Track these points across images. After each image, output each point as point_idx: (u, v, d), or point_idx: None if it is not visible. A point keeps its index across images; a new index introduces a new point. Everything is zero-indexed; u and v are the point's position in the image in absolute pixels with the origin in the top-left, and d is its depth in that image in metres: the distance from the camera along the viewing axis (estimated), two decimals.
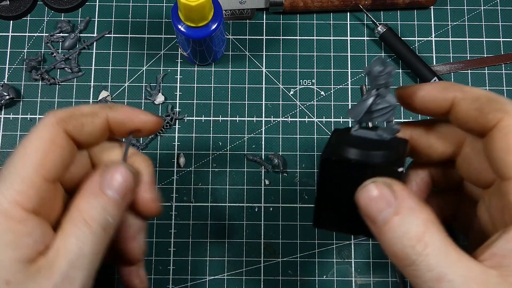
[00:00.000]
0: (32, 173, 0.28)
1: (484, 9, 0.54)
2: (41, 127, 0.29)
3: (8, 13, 0.53)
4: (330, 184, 0.30)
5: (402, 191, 0.28)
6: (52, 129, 0.29)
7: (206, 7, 0.43)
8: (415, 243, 0.26)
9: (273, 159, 0.50)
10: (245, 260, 0.48)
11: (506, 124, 0.28)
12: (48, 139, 0.29)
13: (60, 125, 0.30)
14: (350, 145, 0.29)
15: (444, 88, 0.31)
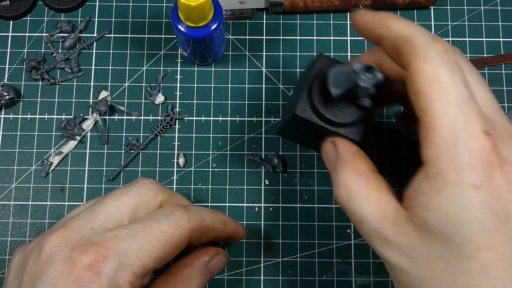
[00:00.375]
0: (150, 265, 0.31)
1: (484, 9, 0.54)
2: (173, 227, 0.32)
3: (8, 13, 0.53)
4: (296, 123, 0.39)
5: (342, 149, 0.35)
6: (183, 236, 0.33)
7: (206, 7, 0.43)
8: (342, 190, 0.32)
9: (273, 159, 0.50)
10: (245, 260, 0.48)
11: (415, 68, 0.29)
12: (177, 243, 0.33)
13: (189, 234, 0.34)
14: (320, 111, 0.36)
15: (374, 22, 0.33)
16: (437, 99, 0.28)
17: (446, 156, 0.27)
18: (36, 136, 0.51)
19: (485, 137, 0.27)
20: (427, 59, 0.29)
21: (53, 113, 0.51)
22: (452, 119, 0.28)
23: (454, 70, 0.29)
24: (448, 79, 0.28)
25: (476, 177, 0.27)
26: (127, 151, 0.50)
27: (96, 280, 0.29)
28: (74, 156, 0.50)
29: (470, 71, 0.31)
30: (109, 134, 0.51)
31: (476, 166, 0.27)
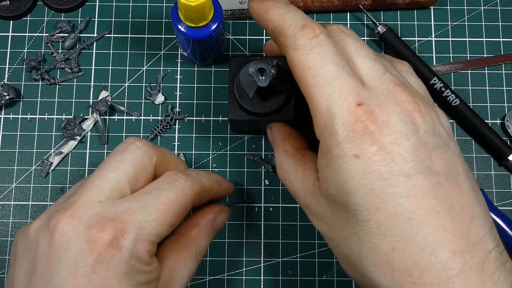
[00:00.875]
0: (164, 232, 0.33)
1: (484, 9, 0.54)
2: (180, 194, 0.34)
3: (8, 13, 0.53)
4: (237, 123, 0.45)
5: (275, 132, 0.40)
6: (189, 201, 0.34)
7: (206, 7, 0.43)
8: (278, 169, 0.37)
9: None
10: (245, 260, 0.48)
11: (289, 58, 0.32)
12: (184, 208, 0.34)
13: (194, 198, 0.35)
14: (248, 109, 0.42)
15: (259, 12, 0.35)
16: (311, 83, 0.30)
17: (328, 134, 0.30)
18: (36, 136, 0.51)
19: (358, 108, 0.29)
20: (296, 48, 0.31)
21: (53, 113, 0.51)
22: (326, 99, 0.30)
23: (323, 52, 0.30)
24: (317, 63, 0.30)
25: (355, 147, 0.29)
26: None
27: (117, 254, 0.30)
28: (74, 156, 0.50)
29: (351, 43, 0.32)
30: (109, 134, 0.51)
31: (353, 138, 0.29)
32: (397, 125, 0.29)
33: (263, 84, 0.39)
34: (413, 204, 0.28)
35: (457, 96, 0.50)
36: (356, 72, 0.31)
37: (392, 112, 0.29)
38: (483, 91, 0.52)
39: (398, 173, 0.28)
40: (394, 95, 0.30)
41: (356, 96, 0.29)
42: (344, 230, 0.30)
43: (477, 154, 0.51)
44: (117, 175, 0.33)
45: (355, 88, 0.30)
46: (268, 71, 0.38)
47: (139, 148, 0.34)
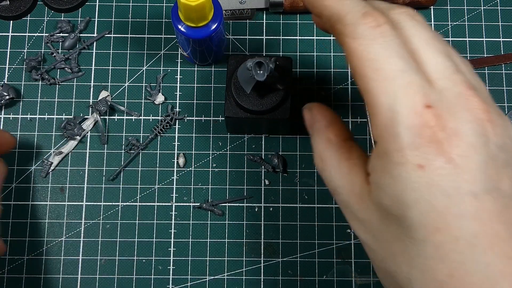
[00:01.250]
0: None
1: (484, 9, 0.54)
2: None
3: (8, 13, 0.53)
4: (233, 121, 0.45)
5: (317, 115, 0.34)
6: None
7: (206, 7, 0.43)
8: (317, 159, 0.33)
9: (273, 159, 0.50)
10: (245, 260, 0.48)
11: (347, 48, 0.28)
12: None
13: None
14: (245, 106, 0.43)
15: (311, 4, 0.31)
16: (371, 77, 0.27)
17: (389, 136, 0.26)
18: (36, 136, 0.51)
19: (426, 111, 0.25)
20: (356, 37, 0.27)
21: (53, 113, 0.51)
22: (389, 97, 0.26)
23: (387, 43, 0.27)
24: (380, 55, 0.27)
25: (420, 156, 0.25)
26: (127, 151, 0.50)
27: None
28: (74, 156, 0.50)
29: (419, 35, 0.29)
30: (109, 134, 0.51)
31: (419, 144, 0.25)
32: (468, 135, 0.25)
33: (261, 78, 0.39)
34: (478, 228, 0.25)
35: None
36: (422, 68, 0.27)
37: (463, 120, 0.26)
38: None
39: (465, 191, 0.25)
40: (466, 99, 0.26)
41: (424, 96, 0.26)
42: (393, 245, 0.27)
43: None
44: None
45: (423, 87, 0.26)
46: (266, 65, 0.39)
47: None
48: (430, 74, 0.27)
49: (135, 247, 0.49)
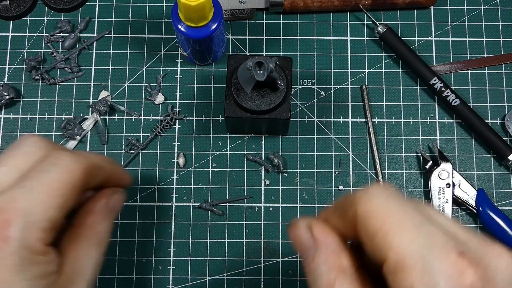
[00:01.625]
0: (56, 216, 0.31)
1: (484, 9, 0.54)
2: (64, 172, 0.32)
3: (8, 13, 0.53)
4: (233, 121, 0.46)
5: (321, 238, 0.29)
6: (76, 177, 0.32)
7: (206, 7, 0.43)
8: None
9: (273, 159, 0.50)
10: (245, 260, 0.48)
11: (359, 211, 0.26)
12: (72, 186, 0.32)
13: (82, 175, 0.33)
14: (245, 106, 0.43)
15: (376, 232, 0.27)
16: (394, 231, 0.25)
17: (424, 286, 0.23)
18: None
19: (461, 259, 0.23)
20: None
21: (53, 113, 0.51)
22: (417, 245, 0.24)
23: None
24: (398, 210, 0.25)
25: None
26: (127, 151, 0.50)
27: (5, 246, 0.28)
28: None
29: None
30: (109, 134, 0.51)
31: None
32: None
33: (261, 78, 0.39)
34: None
35: (457, 96, 0.50)
36: None
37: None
38: (483, 91, 0.52)
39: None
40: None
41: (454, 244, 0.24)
42: None
43: (477, 154, 0.51)
44: (6, 169, 0.32)
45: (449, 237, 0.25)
46: (266, 65, 0.39)
47: (32, 142, 0.33)
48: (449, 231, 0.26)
49: (135, 247, 0.48)
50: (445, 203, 0.48)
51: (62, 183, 0.31)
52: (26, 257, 0.29)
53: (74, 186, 0.32)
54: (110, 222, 0.36)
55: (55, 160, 0.32)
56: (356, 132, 0.51)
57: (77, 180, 0.32)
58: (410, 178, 0.50)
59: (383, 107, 0.52)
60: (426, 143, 0.51)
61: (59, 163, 0.32)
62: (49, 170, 0.31)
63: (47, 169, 0.31)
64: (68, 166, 0.32)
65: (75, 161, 0.32)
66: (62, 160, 0.32)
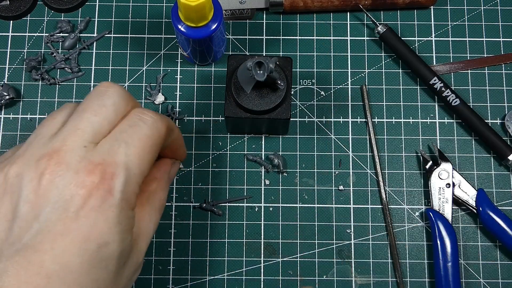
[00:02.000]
0: (146, 170, 0.33)
1: (484, 9, 0.54)
2: (153, 129, 0.33)
3: (8, 13, 0.53)
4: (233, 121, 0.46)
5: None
6: (162, 137, 0.34)
7: (206, 7, 0.43)
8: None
9: (273, 159, 0.50)
10: (245, 260, 0.48)
11: None
12: (158, 144, 0.34)
13: (165, 134, 0.34)
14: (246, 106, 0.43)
15: None
16: None
17: None
18: None
19: None
20: None
21: None
22: None
23: None
24: None
25: None
26: None
27: (109, 198, 0.30)
28: None
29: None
30: None
31: None
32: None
33: (261, 78, 0.39)
34: None
35: (457, 96, 0.50)
36: None
37: None
38: (483, 91, 0.52)
39: None
40: None
41: None
42: None
43: (477, 154, 0.51)
44: (99, 119, 0.32)
45: None
46: (266, 65, 0.39)
47: (117, 93, 0.33)
48: None
49: None
50: (445, 203, 0.48)
51: (152, 140, 0.33)
52: (124, 210, 0.30)
53: (160, 143, 0.34)
54: (168, 190, 0.38)
55: (144, 116, 0.33)
56: (356, 132, 0.51)
57: (162, 139, 0.34)
58: (410, 178, 0.50)
59: (383, 107, 0.52)
60: (426, 143, 0.51)
61: (148, 119, 0.33)
62: (140, 125, 0.33)
63: (139, 125, 0.33)
64: (156, 123, 0.33)
65: (160, 119, 0.34)
66: (149, 117, 0.33)
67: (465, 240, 0.49)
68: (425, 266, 0.48)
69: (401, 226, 0.49)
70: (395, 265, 0.48)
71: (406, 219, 0.49)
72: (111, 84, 0.34)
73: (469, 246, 0.49)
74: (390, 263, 0.48)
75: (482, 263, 0.48)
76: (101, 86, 0.34)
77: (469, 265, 0.48)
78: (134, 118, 0.33)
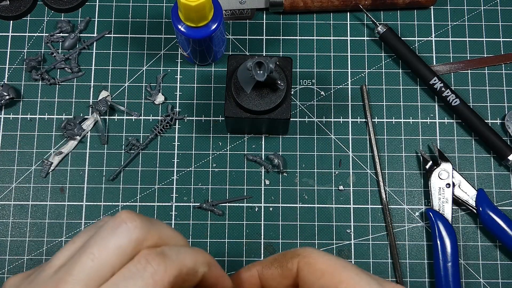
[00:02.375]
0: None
1: (484, 9, 0.54)
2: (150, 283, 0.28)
3: (8, 13, 0.53)
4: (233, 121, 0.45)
5: None
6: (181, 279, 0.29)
7: (206, 7, 0.43)
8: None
9: (273, 159, 0.50)
10: (245, 260, 0.48)
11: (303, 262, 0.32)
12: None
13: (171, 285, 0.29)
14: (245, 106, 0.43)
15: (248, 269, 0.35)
16: None
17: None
18: (36, 136, 0.51)
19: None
20: None
21: (53, 113, 0.51)
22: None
23: None
24: None
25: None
26: (127, 151, 0.50)
27: None
28: (74, 156, 0.50)
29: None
30: (109, 134, 0.51)
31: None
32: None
33: (261, 78, 0.39)
34: None
35: (457, 96, 0.50)
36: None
37: None
38: (483, 91, 0.52)
39: None
40: None
41: None
42: None
43: (477, 154, 0.51)
44: (95, 265, 0.28)
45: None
46: (266, 65, 0.39)
47: (128, 231, 0.29)
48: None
49: None
50: (445, 203, 0.48)
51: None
52: None
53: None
54: None
55: (141, 266, 0.28)
56: (356, 132, 0.51)
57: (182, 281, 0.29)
58: (410, 178, 0.50)
59: (383, 107, 0.52)
60: (426, 143, 0.51)
61: (146, 270, 0.28)
62: (133, 278, 0.28)
63: (131, 277, 0.28)
64: (155, 275, 0.28)
65: (163, 269, 0.28)
66: (150, 266, 0.28)
67: (465, 240, 0.49)
68: (425, 266, 0.48)
69: (401, 226, 0.49)
70: (395, 265, 0.48)
71: (406, 219, 0.49)
72: (126, 217, 0.29)
73: (469, 246, 0.49)
74: (390, 263, 0.48)
75: (482, 263, 0.48)
76: (116, 217, 0.29)
77: (469, 265, 0.48)
78: (132, 267, 0.29)
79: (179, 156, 0.50)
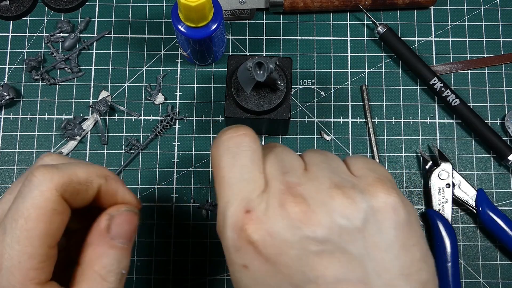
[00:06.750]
0: (40, 247, 0.27)
1: (484, 9, 0.54)
2: (39, 195, 0.28)
3: (8, 13, 0.53)
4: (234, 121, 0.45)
5: None
6: (52, 197, 0.28)
7: (206, 7, 0.43)
8: None
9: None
10: None
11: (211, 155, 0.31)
12: (50, 209, 0.28)
13: (59, 192, 0.28)
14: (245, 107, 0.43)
15: None
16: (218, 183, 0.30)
17: (222, 236, 0.28)
18: (36, 136, 0.51)
19: (245, 216, 0.27)
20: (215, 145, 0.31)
21: (53, 113, 0.51)
22: (224, 201, 0.29)
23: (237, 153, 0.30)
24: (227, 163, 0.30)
25: (241, 257, 0.27)
26: (127, 151, 0.50)
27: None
28: (74, 156, 0.50)
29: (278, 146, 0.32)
30: (109, 134, 0.51)
31: (240, 247, 0.27)
32: (281, 233, 0.26)
33: (261, 79, 0.40)
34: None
35: (457, 96, 0.50)
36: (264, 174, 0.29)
37: (276, 218, 0.27)
38: (483, 91, 0.52)
39: (286, 285, 0.26)
40: (282, 195, 0.27)
41: (248, 202, 0.28)
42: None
43: (477, 154, 0.51)
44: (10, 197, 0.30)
45: (250, 193, 0.28)
46: (266, 66, 0.39)
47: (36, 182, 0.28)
48: (267, 176, 0.29)
49: (135, 247, 0.48)
50: (445, 203, 0.48)
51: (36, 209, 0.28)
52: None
53: (51, 208, 0.28)
54: (120, 253, 0.30)
55: (26, 180, 0.29)
56: (356, 132, 0.51)
57: (53, 201, 0.28)
58: (410, 178, 0.50)
59: (383, 107, 0.52)
60: (426, 143, 0.51)
61: (31, 182, 0.28)
62: (21, 194, 0.28)
63: (19, 194, 0.28)
64: (40, 186, 0.28)
65: (49, 178, 0.28)
66: (34, 177, 0.28)
67: (465, 240, 0.49)
68: None
69: None
70: None
71: None
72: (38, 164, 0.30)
73: (469, 246, 0.49)
74: None
75: (482, 263, 0.48)
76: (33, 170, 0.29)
77: (469, 265, 0.48)
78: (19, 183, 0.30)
79: (179, 156, 0.50)
